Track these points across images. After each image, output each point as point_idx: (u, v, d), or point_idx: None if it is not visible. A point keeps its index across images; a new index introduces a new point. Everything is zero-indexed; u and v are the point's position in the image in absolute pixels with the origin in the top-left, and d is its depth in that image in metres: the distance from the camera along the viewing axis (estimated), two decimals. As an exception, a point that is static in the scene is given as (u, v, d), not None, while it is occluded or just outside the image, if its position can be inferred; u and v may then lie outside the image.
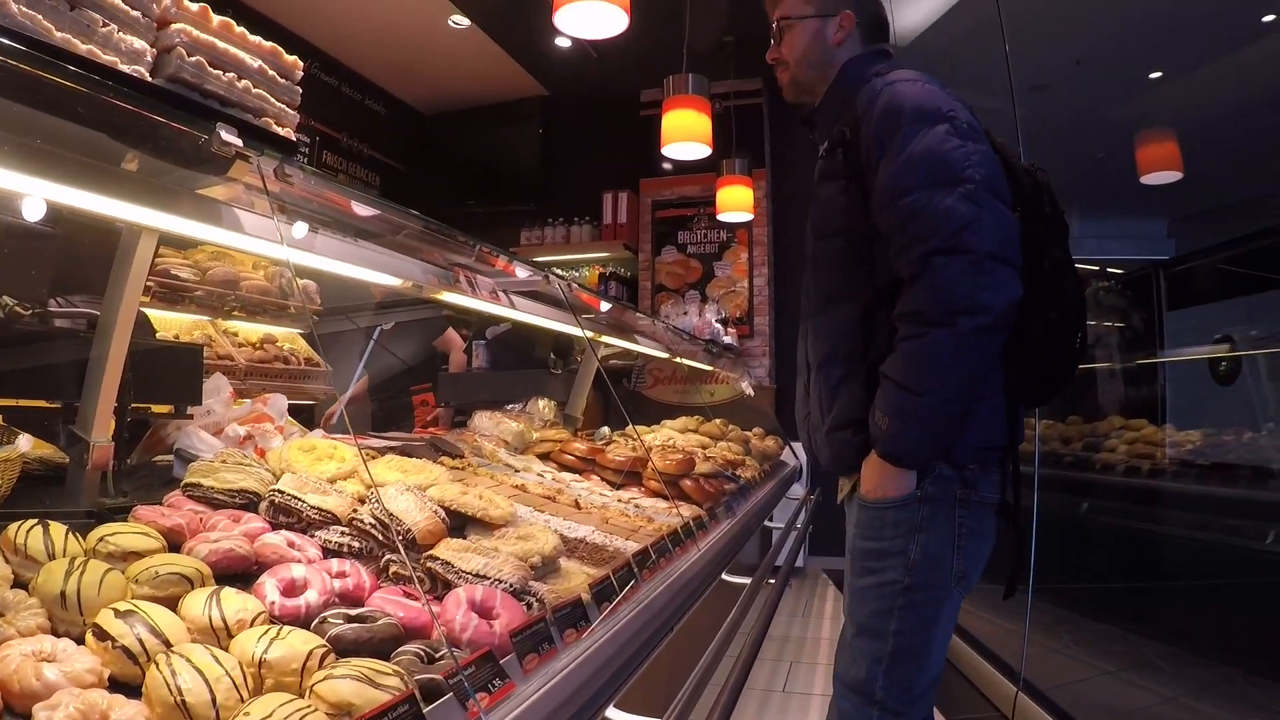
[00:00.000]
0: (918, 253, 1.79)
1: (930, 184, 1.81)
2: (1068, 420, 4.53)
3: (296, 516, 1.81)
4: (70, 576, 1.27)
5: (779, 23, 2.21)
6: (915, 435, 1.83)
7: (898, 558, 1.92)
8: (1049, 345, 1.96)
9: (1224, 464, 3.52)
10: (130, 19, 1.62)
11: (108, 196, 1.54)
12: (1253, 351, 3.34)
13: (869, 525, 1.98)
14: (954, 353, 1.75)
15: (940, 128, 1.86)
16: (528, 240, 8.93)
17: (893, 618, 1.92)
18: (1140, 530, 4.02)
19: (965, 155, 1.83)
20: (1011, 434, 1.98)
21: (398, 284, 2.37)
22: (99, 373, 1.83)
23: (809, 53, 2.19)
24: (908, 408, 1.80)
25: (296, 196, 1.88)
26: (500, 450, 3.10)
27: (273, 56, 1.93)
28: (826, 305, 2.07)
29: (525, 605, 1.59)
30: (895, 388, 1.82)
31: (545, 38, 7.50)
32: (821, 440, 2.09)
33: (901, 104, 1.90)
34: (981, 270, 1.74)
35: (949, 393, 1.79)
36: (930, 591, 1.93)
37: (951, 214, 1.77)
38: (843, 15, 2.17)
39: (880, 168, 1.89)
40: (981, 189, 1.80)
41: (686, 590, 2.29)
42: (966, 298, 1.73)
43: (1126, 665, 3.83)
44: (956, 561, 1.93)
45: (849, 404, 1.99)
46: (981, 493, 1.95)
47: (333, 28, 7.73)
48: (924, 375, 1.78)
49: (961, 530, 1.93)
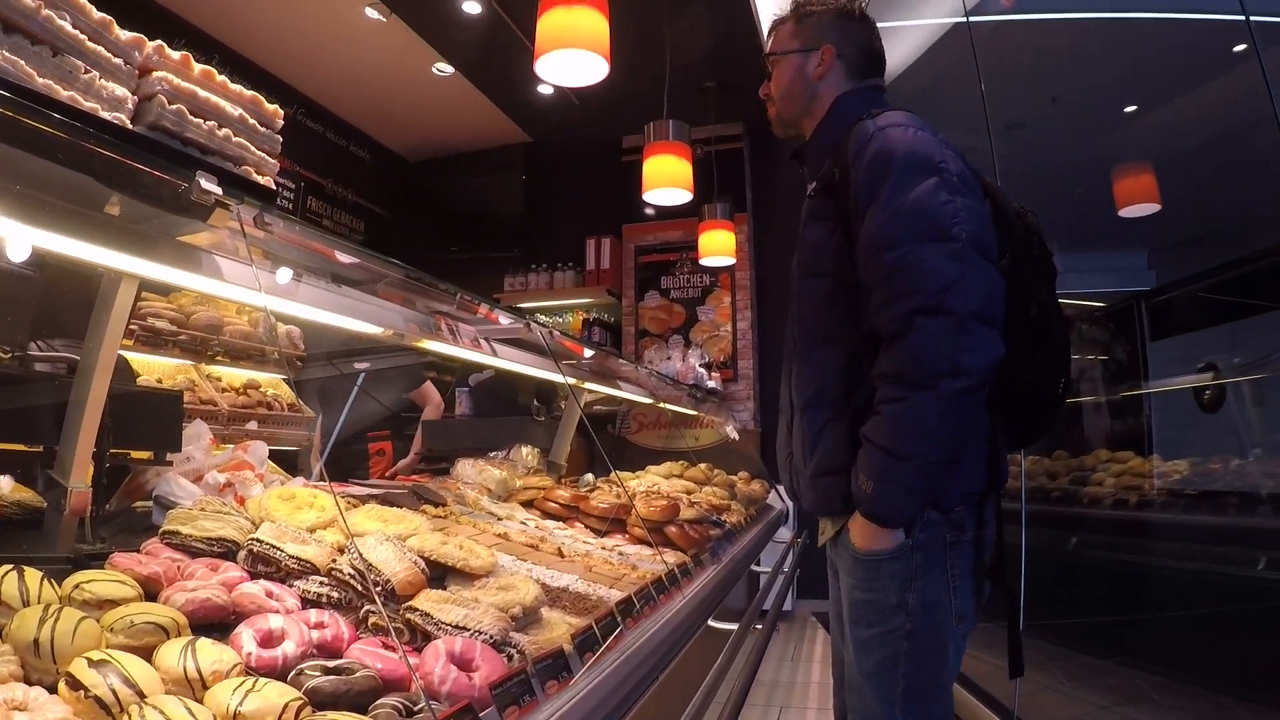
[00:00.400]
0: (900, 310, 1.77)
1: (917, 239, 1.79)
2: (1054, 455, 4.53)
3: (275, 566, 1.79)
4: (44, 624, 1.25)
5: (771, 58, 2.24)
6: (900, 497, 1.81)
7: (896, 609, 1.91)
8: (1034, 391, 1.96)
9: (1212, 492, 3.51)
10: (112, 66, 1.64)
11: (88, 242, 1.53)
12: (1236, 379, 3.34)
13: (865, 578, 1.96)
14: (937, 416, 1.74)
15: (930, 181, 1.84)
16: (511, 286, 8.94)
17: (901, 661, 1.91)
18: (1130, 562, 4.00)
19: (954, 211, 1.81)
20: (992, 479, 1.97)
21: (379, 332, 2.36)
22: (78, 417, 1.81)
23: (791, 88, 2.21)
24: (892, 472, 1.78)
25: (276, 244, 1.88)
26: (483, 498, 3.08)
27: (253, 105, 1.93)
28: (812, 348, 2.06)
29: (506, 657, 1.57)
30: (878, 452, 1.80)
31: (528, 85, 7.56)
32: (805, 484, 2.07)
33: (892, 152, 1.89)
34: (964, 331, 1.72)
35: (934, 455, 1.77)
36: (933, 634, 1.92)
37: (937, 273, 1.75)
38: (823, 49, 2.18)
39: (867, 217, 1.88)
40: (968, 246, 1.78)
41: (672, 638, 2.27)
42: (949, 360, 1.72)
43: (1121, 699, 3.80)
44: (954, 601, 1.93)
45: (833, 449, 1.97)
46: (968, 532, 1.94)
47: (318, 74, 7.79)
48: (907, 440, 1.76)
49: (954, 572, 1.92)
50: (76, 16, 1.59)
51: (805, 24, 2.22)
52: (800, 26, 2.23)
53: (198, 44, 6.81)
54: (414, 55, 7.31)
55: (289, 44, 7.25)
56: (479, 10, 6.51)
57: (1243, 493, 3.37)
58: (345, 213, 8.72)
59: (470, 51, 7.26)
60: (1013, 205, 2.04)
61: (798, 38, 2.21)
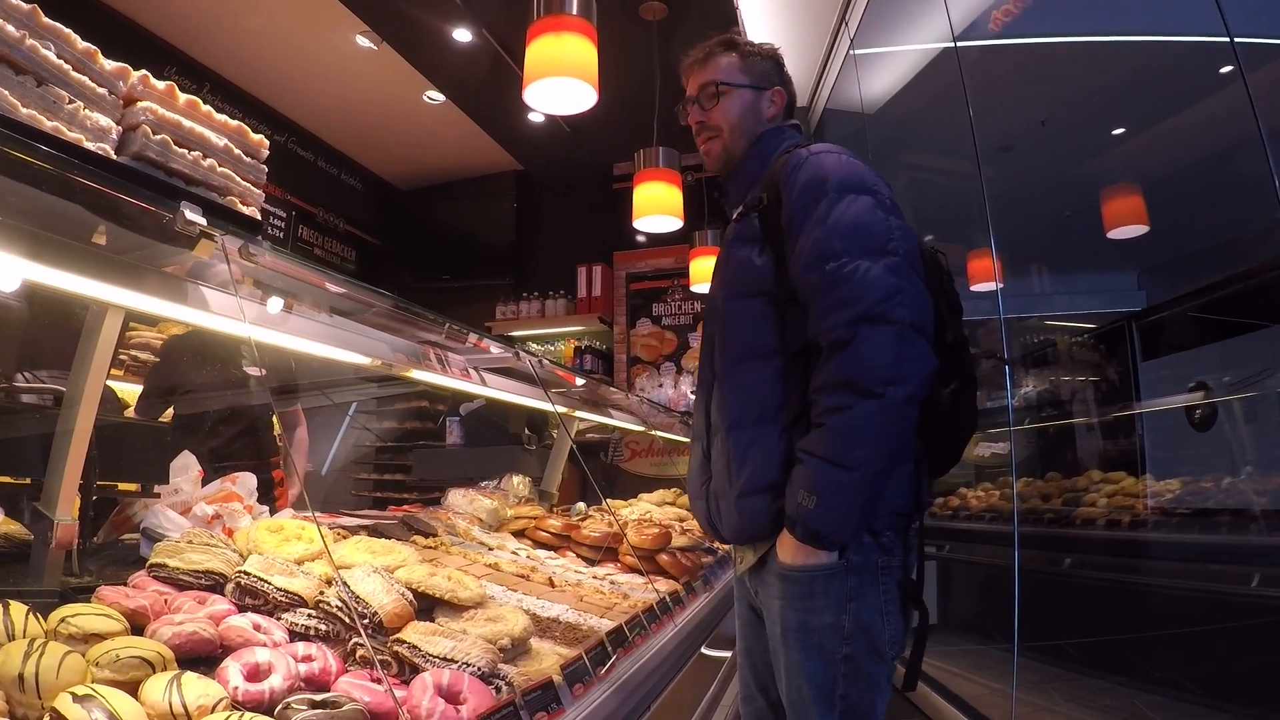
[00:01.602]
0: (845, 318, 1.77)
1: (859, 251, 1.81)
2: (1047, 477, 4.52)
3: (263, 598, 1.78)
4: (29, 658, 1.24)
5: (715, 87, 2.19)
6: (844, 509, 1.78)
7: (832, 629, 1.88)
8: (953, 416, 1.96)
9: (1204, 510, 3.51)
10: (96, 96, 1.64)
11: (73, 273, 1.53)
12: (1228, 397, 3.35)
13: (799, 596, 1.92)
14: (882, 423, 1.73)
15: (866, 199, 1.88)
16: (503, 314, 8.95)
17: (839, 684, 1.89)
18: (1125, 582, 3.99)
19: (890, 229, 1.85)
20: (918, 500, 1.97)
21: (367, 362, 2.35)
22: (64, 449, 1.80)
23: (743, 122, 2.19)
24: (838, 483, 1.76)
25: (264, 274, 1.87)
26: (474, 528, 3.07)
27: (239, 135, 1.93)
28: (739, 366, 2.03)
29: (494, 689, 1.56)
30: (821, 463, 1.77)
31: (519, 113, 7.59)
32: (728, 506, 2.00)
33: (827, 174, 1.92)
34: (906, 340, 1.74)
35: (879, 465, 1.76)
36: (869, 657, 1.90)
37: (879, 282, 1.77)
38: (774, 91, 2.21)
39: (802, 233, 1.89)
40: (904, 263, 1.82)
41: (664, 667, 2.26)
42: (893, 368, 1.73)
43: (1118, 719, 3.79)
44: (887, 626, 1.91)
45: (761, 468, 1.94)
46: (897, 558, 1.93)
47: (309, 102, 7.82)
48: (854, 449, 1.74)
49: (885, 597, 1.91)
50: (61, 46, 1.59)
51: (751, 62, 2.23)
52: (746, 63, 2.22)
53: (189, 72, 6.85)
54: (405, 83, 7.34)
55: (280, 72, 7.28)
56: (470, 38, 6.54)
57: (1235, 510, 3.37)
58: (336, 241, 8.74)
59: (461, 79, 7.30)
60: (924, 244, 2.05)
61: (746, 74, 2.21)
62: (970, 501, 5.39)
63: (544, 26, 4.05)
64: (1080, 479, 4.27)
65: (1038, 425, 4.84)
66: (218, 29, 6.60)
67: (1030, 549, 4.11)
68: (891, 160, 6.63)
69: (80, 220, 1.51)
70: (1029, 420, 4.81)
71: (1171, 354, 4.00)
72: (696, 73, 2.25)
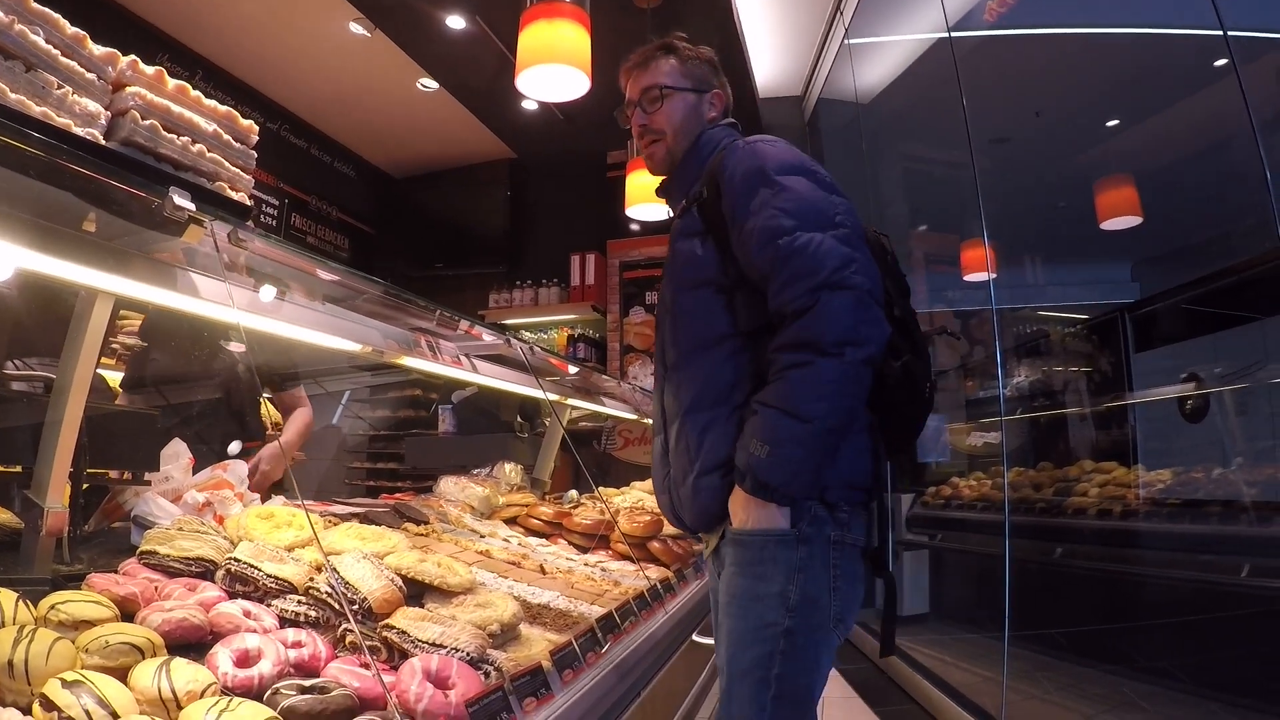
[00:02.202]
0: (804, 288, 1.78)
1: (808, 226, 1.83)
2: (1039, 467, 4.53)
3: (253, 585, 1.78)
4: (19, 645, 1.24)
5: (658, 90, 2.21)
6: (797, 461, 1.78)
7: (777, 599, 1.87)
8: (907, 388, 1.97)
9: (1195, 501, 3.52)
10: (85, 81, 1.63)
11: (62, 259, 1.52)
12: (1219, 388, 3.36)
13: (748, 562, 1.91)
14: (840, 381, 1.75)
15: (807, 179, 1.92)
16: (496, 303, 8.95)
17: (775, 661, 1.86)
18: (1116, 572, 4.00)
19: (834, 205, 1.89)
20: (877, 473, 1.97)
21: (357, 349, 2.35)
22: (54, 437, 1.80)
23: (686, 124, 2.21)
24: (792, 434, 1.76)
25: (254, 260, 1.87)
26: (466, 515, 3.07)
27: (228, 120, 1.92)
28: (693, 354, 2.04)
29: (483, 674, 1.56)
30: (777, 414, 1.78)
31: (512, 100, 7.57)
32: (687, 492, 2.01)
33: (765, 160, 1.95)
34: (863, 305, 1.77)
35: (834, 420, 1.77)
36: (810, 635, 1.88)
37: (834, 252, 1.79)
38: (714, 93, 2.24)
39: (749, 218, 1.91)
40: (853, 234, 1.86)
41: (654, 654, 2.26)
42: (852, 330, 1.75)
43: (1108, 708, 3.80)
44: (834, 603, 1.89)
45: (716, 447, 1.95)
46: (853, 534, 1.92)
47: (303, 90, 7.80)
48: (810, 401, 1.75)
49: (836, 572, 1.89)
50: (50, 32, 1.58)
51: (691, 65, 2.24)
52: (686, 66, 2.24)
53: (182, 59, 6.83)
54: (398, 71, 7.32)
55: (273, 60, 7.26)
56: (463, 25, 6.52)
57: (1226, 501, 3.38)
58: (329, 229, 8.73)
59: (455, 67, 7.28)
60: (869, 228, 2.06)
61: (687, 77, 2.23)
62: (962, 491, 5.40)
63: (537, 13, 4.05)
64: (1072, 469, 4.29)
65: (1030, 415, 4.85)
66: (210, 16, 6.58)
67: (1022, 538, 4.13)
68: (885, 150, 6.63)
69: (69, 206, 1.51)
70: (1021, 410, 4.82)
71: (1164, 345, 4.00)
72: (637, 76, 2.27)
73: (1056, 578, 4.25)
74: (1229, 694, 3.11)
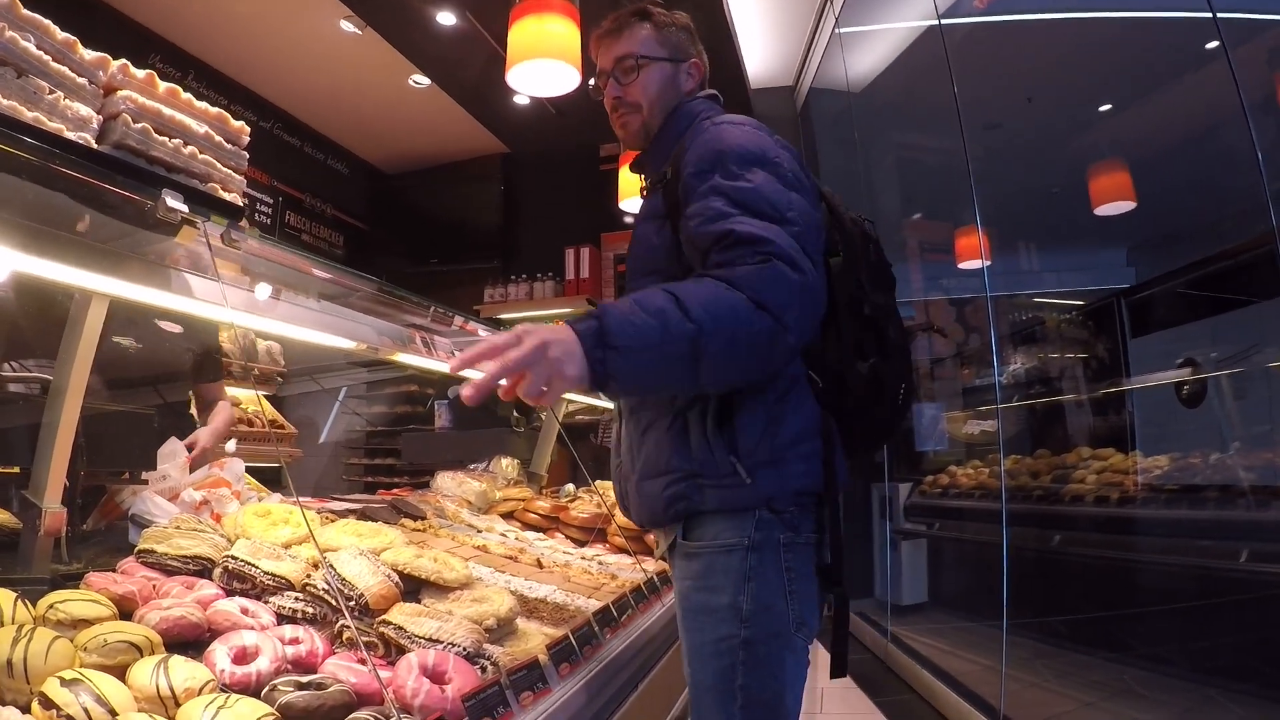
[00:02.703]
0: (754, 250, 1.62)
1: (757, 216, 1.68)
2: (1036, 454, 4.54)
3: (250, 582, 1.79)
4: (17, 644, 1.26)
5: (634, 60, 2.04)
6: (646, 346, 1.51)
7: (728, 610, 1.78)
8: (872, 392, 1.87)
9: (1193, 486, 3.53)
10: (76, 86, 1.64)
11: (56, 262, 1.53)
12: (1216, 373, 3.36)
13: (696, 574, 1.84)
14: (743, 322, 1.56)
15: (762, 173, 1.76)
16: (491, 298, 8.92)
17: (738, 673, 1.78)
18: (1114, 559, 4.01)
19: (788, 202, 1.73)
20: (829, 479, 1.83)
21: (352, 346, 2.35)
22: (51, 438, 1.81)
23: (663, 96, 2.05)
24: (666, 320, 1.52)
25: (246, 260, 1.88)
26: (463, 511, 3.08)
27: (219, 122, 1.93)
28: None
29: (479, 669, 1.57)
30: (669, 298, 1.55)
31: (504, 95, 7.55)
32: (632, 490, 1.93)
33: (724, 144, 1.80)
34: (807, 291, 1.62)
35: (711, 345, 1.54)
36: (770, 642, 1.79)
37: (781, 237, 1.64)
38: (691, 63, 2.09)
39: (697, 197, 1.76)
40: (805, 233, 1.70)
41: (651, 646, 2.27)
42: (782, 307, 1.58)
43: (1107, 694, 3.81)
44: (791, 607, 1.80)
45: (655, 452, 1.86)
46: (804, 534, 1.82)
47: (295, 88, 7.79)
48: (705, 310, 1.54)
49: (789, 575, 1.80)
50: (40, 38, 1.59)
51: (667, 32, 2.09)
52: (662, 34, 2.08)
53: (174, 60, 6.82)
54: (390, 68, 7.31)
55: (264, 58, 7.25)
56: (454, 21, 6.52)
57: (1223, 486, 3.39)
58: (324, 227, 8.72)
59: (446, 63, 7.27)
60: (850, 214, 1.95)
61: (664, 45, 2.07)
62: (960, 479, 5.42)
63: (526, 8, 4.05)
64: (1069, 456, 4.29)
65: (1026, 403, 4.86)
66: (202, 16, 6.56)
67: (1020, 526, 4.14)
68: (878, 139, 6.63)
69: (63, 209, 1.52)
70: (1018, 398, 4.83)
71: (1160, 330, 4.01)
72: (609, 44, 2.09)
73: (1055, 565, 4.26)
74: (1228, 679, 3.12)
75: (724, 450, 1.74)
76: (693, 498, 1.78)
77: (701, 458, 1.76)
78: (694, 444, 1.78)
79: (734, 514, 1.78)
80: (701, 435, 1.76)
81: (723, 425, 1.75)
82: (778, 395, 1.76)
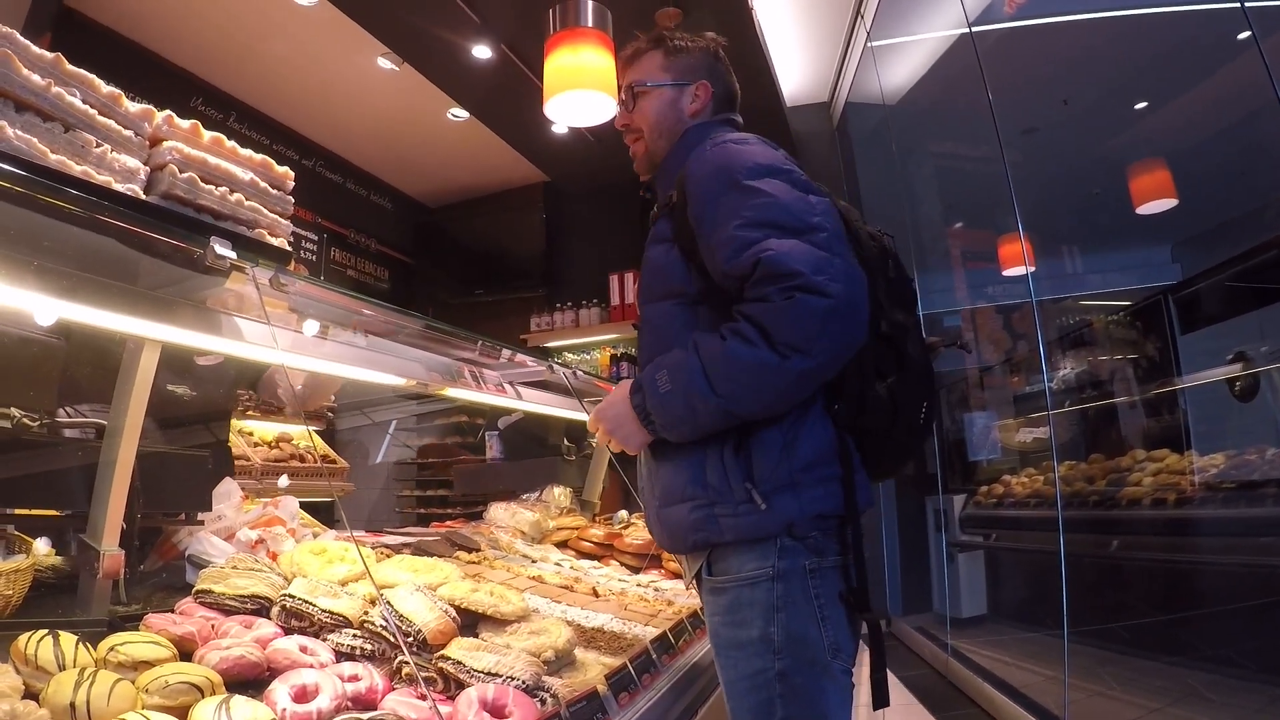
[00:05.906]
0: (776, 288, 1.63)
1: (779, 233, 1.68)
2: (1090, 459, 4.48)
3: (308, 620, 1.81)
4: (80, 687, 1.28)
5: (638, 87, 2.09)
6: (681, 419, 1.72)
7: (760, 644, 1.75)
8: (891, 414, 1.84)
9: (1250, 483, 3.46)
10: (123, 138, 1.68)
11: (110, 311, 1.57)
12: (1268, 367, 3.30)
13: (725, 609, 1.82)
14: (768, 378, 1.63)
15: (777, 181, 1.76)
16: (538, 326, 8.94)
17: (776, 706, 1.75)
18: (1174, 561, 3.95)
19: (809, 206, 1.73)
20: (848, 502, 1.80)
21: (401, 383, 2.38)
22: (107, 481, 1.85)
23: (663, 120, 2.08)
24: (694, 393, 1.68)
25: (295, 302, 1.91)
26: (517, 541, 3.08)
27: (263, 168, 1.97)
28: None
29: (539, 701, 1.57)
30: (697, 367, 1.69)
31: (542, 125, 7.57)
32: (654, 518, 1.93)
33: (731, 161, 1.80)
34: (833, 315, 1.62)
35: (738, 409, 1.68)
36: (807, 671, 1.75)
37: (808, 256, 1.64)
38: (699, 85, 2.08)
39: (715, 227, 1.77)
40: (833, 236, 1.70)
41: (711, 671, 2.24)
42: (809, 339, 1.61)
43: (1173, 699, 3.74)
44: (825, 633, 1.76)
45: (672, 478, 1.85)
46: (830, 558, 1.79)
47: (336, 126, 7.90)
48: (728, 380, 1.65)
49: (819, 601, 1.76)
50: (86, 92, 1.63)
51: (676, 58, 2.10)
52: (671, 60, 2.10)
53: (216, 102, 6.95)
54: (428, 102, 7.39)
55: (305, 97, 7.37)
56: (489, 55, 6.57)
57: (1280, 480, 3.33)
58: (369, 261, 8.81)
59: (483, 95, 7.32)
60: (867, 228, 1.92)
61: (669, 71, 2.09)
62: (1015, 488, 5.35)
63: (561, 39, 4.08)
64: (1124, 459, 4.23)
65: (1078, 407, 4.80)
66: (242, 59, 6.69)
67: (1077, 532, 4.08)
68: (915, 149, 6.61)
69: (116, 259, 1.55)
70: (1069, 402, 4.77)
71: (1209, 326, 3.95)
72: (623, 72, 2.16)
73: (1114, 571, 4.19)
74: (1296, 679, 3.06)
75: (740, 476, 1.73)
76: (710, 529, 1.77)
77: (717, 484, 1.75)
78: (709, 470, 1.77)
79: (755, 544, 1.75)
80: (718, 461, 1.76)
81: (739, 451, 1.74)
82: (794, 418, 1.74)
